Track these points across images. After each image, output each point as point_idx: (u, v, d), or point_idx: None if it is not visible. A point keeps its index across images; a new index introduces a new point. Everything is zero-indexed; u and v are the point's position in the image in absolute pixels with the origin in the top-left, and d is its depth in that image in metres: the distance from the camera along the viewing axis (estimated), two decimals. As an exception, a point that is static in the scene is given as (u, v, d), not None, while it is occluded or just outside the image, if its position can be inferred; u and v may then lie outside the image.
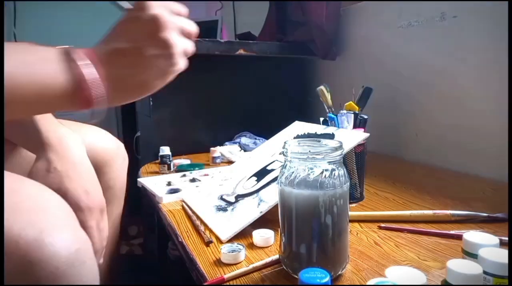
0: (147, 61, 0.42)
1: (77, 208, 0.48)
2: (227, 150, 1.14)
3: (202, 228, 0.61)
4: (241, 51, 1.28)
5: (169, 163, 1.01)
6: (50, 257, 0.32)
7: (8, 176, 0.38)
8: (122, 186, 0.78)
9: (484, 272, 0.38)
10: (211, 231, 0.61)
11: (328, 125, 0.79)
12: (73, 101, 0.39)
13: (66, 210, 0.37)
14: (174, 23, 0.43)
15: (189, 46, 0.45)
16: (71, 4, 2.11)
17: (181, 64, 0.44)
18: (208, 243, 0.56)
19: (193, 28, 0.46)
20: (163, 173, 1.00)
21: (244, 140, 1.24)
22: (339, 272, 0.46)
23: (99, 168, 0.72)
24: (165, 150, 1.06)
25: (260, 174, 0.72)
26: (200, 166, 1.03)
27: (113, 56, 0.41)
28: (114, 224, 0.78)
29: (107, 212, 0.73)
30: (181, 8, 0.45)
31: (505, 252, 0.39)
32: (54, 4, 2.09)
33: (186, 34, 0.45)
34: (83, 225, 0.47)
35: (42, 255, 0.32)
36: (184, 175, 0.93)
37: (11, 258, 0.31)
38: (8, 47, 0.36)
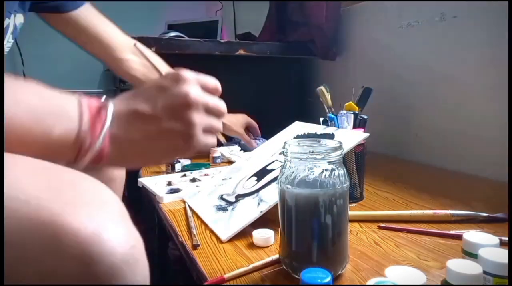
0: (162, 133, 0.41)
1: None
2: (227, 150, 1.14)
3: (194, 231, 0.61)
4: (241, 52, 1.28)
5: (174, 163, 1.01)
6: (108, 253, 0.32)
7: (61, 170, 0.37)
8: (122, 179, 0.81)
9: (484, 272, 0.38)
10: (211, 231, 0.61)
11: (328, 125, 0.79)
12: (70, 154, 0.39)
13: (121, 207, 0.37)
14: (203, 102, 0.42)
15: (216, 125, 0.45)
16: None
17: (202, 142, 0.43)
18: (195, 246, 0.56)
19: (223, 107, 0.45)
20: (168, 173, 1.00)
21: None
22: (339, 272, 0.46)
23: None
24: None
25: (260, 173, 0.72)
26: (206, 165, 1.03)
27: (130, 117, 0.41)
28: None
29: None
30: (215, 84, 0.45)
31: (505, 252, 0.39)
32: (54, 4, 2.08)
33: (215, 113, 0.44)
34: None
35: (101, 250, 0.31)
36: (184, 175, 0.93)
37: (69, 251, 0.31)
38: (20, 88, 0.37)
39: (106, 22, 0.87)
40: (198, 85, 0.43)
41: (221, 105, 0.46)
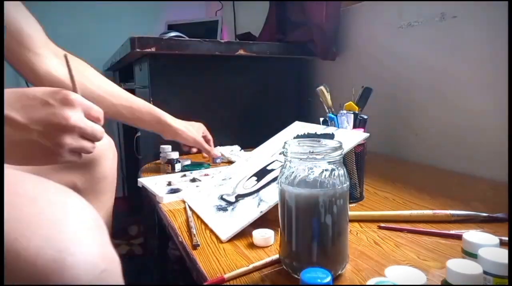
0: (27, 144, 0.42)
1: None
2: (227, 149, 1.14)
3: (194, 231, 0.61)
4: (241, 52, 1.28)
5: (174, 163, 1.01)
6: (71, 281, 0.28)
7: (28, 179, 0.33)
8: (114, 178, 0.82)
9: (484, 272, 0.38)
10: (211, 231, 0.61)
11: (328, 125, 0.79)
12: None
13: (94, 222, 0.32)
14: (81, 128, 0.44)
15: (87, 148, 0.46)
16: (71, 5, 2.11)
17: (65, 160, 0.44)
18: (195, 246, 0.56)
19: (99, 134, 0.47)
20: (168, 173, 1.00)
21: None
22: (339, 272, 0.46)
23: (96, 161, 0.77)
24: (166, 148, 1.06)
25: (260, 173, 0.72)
26: (206, 165, 1.03)
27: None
28: (108, 213, 0.81)
29: (101, 201, 0.77)
30: (98, 113, 0.48)
31: (505, 252, 0.39)
32: (54, 4, 2.09)
33: (90, 138, 0.47)
34: None
35: (62, 279, 0.27)
36: (184, 175, 0.93)
37: (26, 282, 0.27)
38: None
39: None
40: (82, 111, 0.45)
41: (98, 132, 0.47)
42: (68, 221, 0.30)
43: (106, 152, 0.80)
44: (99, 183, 0.78)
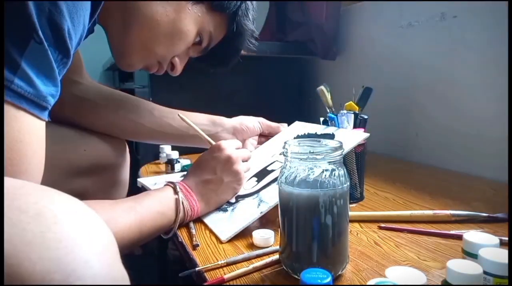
0: (225, 186, 0.64)
1: None
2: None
3: (194, 231, 0.61)
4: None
5: (174, 163, 1.01)
6: None
7: (31, 190, 0.30)
8: (126, 184, 0.85)
9: (484, 272, 0.38)
10: (211, 231, 0.61)
11: (328, 125, 0.79)
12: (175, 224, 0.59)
13: (105, 237, 0.30)
14: (239, 157, 0.65)
15: (247, 169, 0.69)
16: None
17: (244, 182, 0.67)
18: (194, 247, 0.56)
19: (248, 155, 0.70)
20: (167, 173, 1.00)
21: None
22: (339, 272, 0.46)
23: (109, 167, 0.80)
24: (165, 148, 1.06)
25: (260, 174, 0.72)
26: None
27: (203, 185, 0.63)
28: None
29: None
30: (240, 144, 0.72)
31: (505, 252, 0.39)
32: (54, 4, 2.08)
33: (246, 160, 0.69)
34: None
35: None
36: (184, 175, 0.93)
37: None
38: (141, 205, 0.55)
39: None
40: (233, 148, 0.66)
41: (248, 154, 0.71)
42: (76, 240, 0.28)
43: (119, 159, 0.81)
44: (111, 190, 0.80)
